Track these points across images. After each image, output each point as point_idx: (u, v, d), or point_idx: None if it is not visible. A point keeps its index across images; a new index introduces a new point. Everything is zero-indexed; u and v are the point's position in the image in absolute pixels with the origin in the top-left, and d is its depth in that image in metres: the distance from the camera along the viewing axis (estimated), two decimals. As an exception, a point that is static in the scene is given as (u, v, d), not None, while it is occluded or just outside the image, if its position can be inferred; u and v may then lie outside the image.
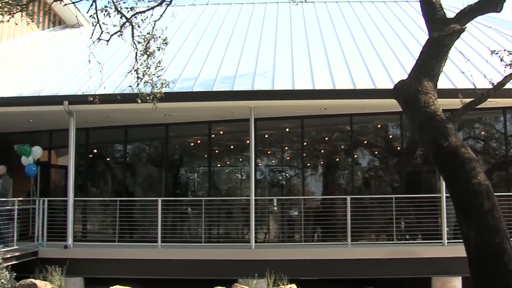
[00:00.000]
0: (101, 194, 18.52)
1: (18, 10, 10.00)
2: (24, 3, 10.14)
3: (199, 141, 18.01)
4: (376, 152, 17.42)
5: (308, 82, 14.36)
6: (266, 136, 17.40)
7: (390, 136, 17.44)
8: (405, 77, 8.17)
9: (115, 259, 14.20)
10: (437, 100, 7.50)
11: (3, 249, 13.45)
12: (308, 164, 17.30)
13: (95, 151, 18.76)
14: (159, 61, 10.51)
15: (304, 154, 17.08)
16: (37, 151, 15.69)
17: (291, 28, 20.23)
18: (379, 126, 17.30)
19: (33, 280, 10.65)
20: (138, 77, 10.41)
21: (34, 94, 15.10)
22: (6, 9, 9.74)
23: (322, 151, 17.60)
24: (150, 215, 15.49)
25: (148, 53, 10.31)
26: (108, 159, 19.18)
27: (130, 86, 10.98)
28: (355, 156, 16.99)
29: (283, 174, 17.74)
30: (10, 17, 9.93)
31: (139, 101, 10.65)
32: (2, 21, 9.90)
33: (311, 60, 16.23)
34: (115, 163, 19.11)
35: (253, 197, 14.17)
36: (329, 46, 17.55)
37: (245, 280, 12.31)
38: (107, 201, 17.09)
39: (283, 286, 11.32)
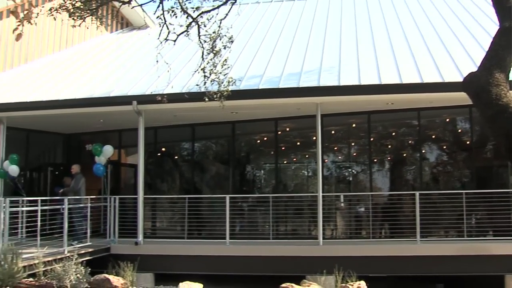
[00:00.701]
0: (169, 191, 18.83)
1: (88, 14, 10.28)
2: (94, 7, 10.42)
3: (265, 138, 18.08)
4: (444, 147, 17.05)
5: (374, 77, 14.19)
6: (333, 132, 17.28)
7: (459, 130, 17.05)
8: (474, 69, 7.97)
9: (184, 255, 14.40)
10: (509, 92, 7.28)
11: (78, 245, 13.89)
12: (375, 160, 17.10)
13: (163, 149, 19.11)
14: (225, 60, 10.61)
15: (371, 150, 16.89)
16: (108, 150, 16.07)
17: (356, 22, 20.04)
18: (447, 120, 16.93)
19: (107, 275, 10.90)
20: (205, 76, 10.53)
21: (104, 95, 15.51)
22: (77, 14, 10.03)
23: (389, 146, 17.36)
24: (218, 212, 15.65)
25: (214, 51, 10.42)
26: (176, 157, 19.49)
27: (197, 85, 11.11)
28: (423, 151, 16.68)
29: (350, 170, 17.58)
30: (81, 22, 10.24)
31: (207, 99, 10.78)
32: (74, 26, 10.21)
33: (377, 54, 16.01)
34: (183, 161, 19.39)
35: (321, 194, 14.10)
36: (394, 39, 17.28)
37: (313, 277, 12.23)
38: (176, 198, 17.34)
39: (351, 283, 11.20)
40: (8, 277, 9.68)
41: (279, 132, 17.37)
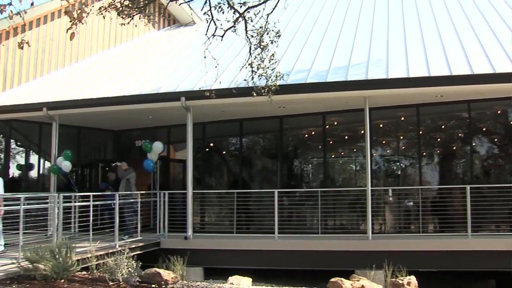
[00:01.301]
0: (217, 186, 18.95)
1: (136, 12, 10.42)
2: (142, 5, 10.55)
3: (313, 133, 18.03)
4: (495, 140, 16.69)
5: (423, 69, 13.98)
6: (381, 125, 17.08)
7: (511, 122, 16.66)
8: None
9: (233, 249, 14.51)
10: None
11: (129, 240, 14.13)
12: (424, 153, 16.85)
13: (211, 144, 19.24)
14: (273, 54, 10.59)
15: (420, 143, 16.66)
16: (158, 147, 16.26)
17: (403, 13, 19.75)
18: (499, 112, 16.55)
19: (157, 269, 10.99)
20: (252, 71, 10.55)
21: (153, 91, 15.71)
22: (126, 12, 10.17)
23: (438, 139, 17.08)
24: (266, 207, 15.69)
25: (261, 46, 10.42)
26: (223, 152, 19.61)
27: (245, 80, 11.13)
28: (473, 144, 16.36)
29: (398, 164, 17.40)
30: (130, 20, 10.38)
31: (254, 94, 10.81)
32: (123, 24, 10.36)
33: (425, 45, 15.75)
34: (231, 156, 19.50)
35: (370, 188, 13.99)
36: (443, 30, 16.96)
37: (363, 271, 12.15)
38: (224, 193, 17.45)
39: (401, 278, 11.05)
40: (62, 270, 9.87)
41: (327, 126, 17.28)
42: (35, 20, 19.16)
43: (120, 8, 10.03)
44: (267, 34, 10.52)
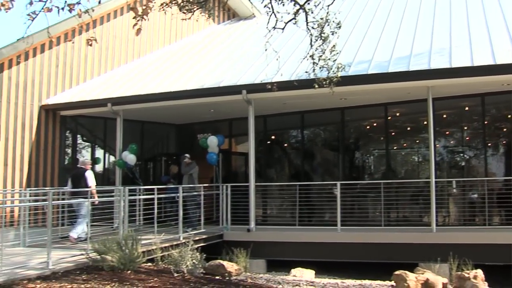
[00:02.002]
0: (278, 179, 18.97)
1: (197, 7, 10.52)
2: (202, 0, 10.63)
3: (375, 124, 17.84)
4: None
5: (488, 57, 13.59)
6: (444, 116, 16.71)
7: None
8: None
9: (295, 242, 14.53)
10: None
11: (193, 232, 14.33)
12: (489, 144, 16.42)
13: (272, 137, 19.28)
14: (334, 45, 10.52)
15: (485, 134, 16.24)
16: (213, 141, 16.40)
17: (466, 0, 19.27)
18: None
19: (221, 261, 11.13)
20: (314, 63, 10.50)
21: (214, 85, 15.86)
22: (187, 8, 10.28)
23: (504, 129, 16.60)
24: (328, 199, 15.64)
25: (322, 38, 10.37)
26: (285, 145, 19.62)
27: (306, 72, 11.12)
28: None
29: (462, 155, 17.03)
30: (191, 15, 10.49)
31: (316, 86, 10.77)
32: (184, 19, 10.48)
33: (490, 32, 15.30)
34: (292, 148, 19.50)
35: (434, 179, 13.75)
36: (509, 16, 16.47)
37: (427, 264, 11.94)
38: (286, 185, 17.47)
39: (467, 272, 10.81)
40: (129, 261, 10.10)
41: (389, 118, 17.05)
42: (99, 18, 19.60)
43: (181, 4, 10.14)
44: (328, 25, 10.45)
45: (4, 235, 10.41)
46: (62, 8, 7.21)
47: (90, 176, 13.93)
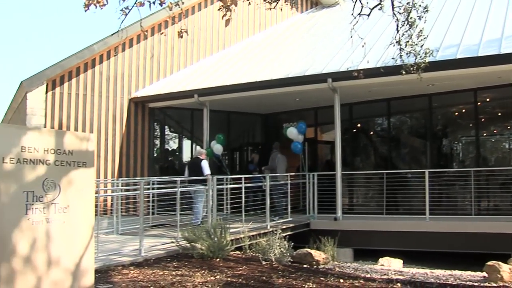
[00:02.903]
0: (364, 167, 18.77)
1: (282, -3, 10.50)
2: (287, -10, 10.61)
3: (463, 110, 17.32)
4: None
5: None
6: (539, 100, 16.08)
7: None
8: None
9: (382, 231, 14.37)
10: None
11: (280, 221, 14.41)
12: None
13: (358, 125, 19.09)
14: (421, 30, 10.26)
15: None
16: (293, 132, 16.40)
17: None
18: None
19: (309, 250, 11.14)
20: (400, 48, 10.30)
21: (299, 74, 15.84)
22: (272, -3, 10.28)
23: None
24: (416, 187, 15.36)
25: (409, 23, 10.15)
26: (371, 133, 19.38)
27: (393, 58, 10.90)
28: None
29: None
30: (275, 4, 10.50)
31: (403, 72, 10.56)
32: (270, 8, 10.49)
33: None
34: (378, 136, 19.24)
35: (527, 167, 13.25)
36: None
37: (521, 255, 11.57)
38: (373, 174, 17.27)
39: None
40: (218, 249, 10.28)
41: (478, 103, 16.49)
42: (184, 11, 19.93)
43: (265, -7, 10.15)
44: (415, 9, 10.22)
45: (98, 223, 10.78)
46: (153, 2, 7.41)
47: (205, 165, 14.53)
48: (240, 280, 8.32)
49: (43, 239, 6.48)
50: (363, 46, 10.89)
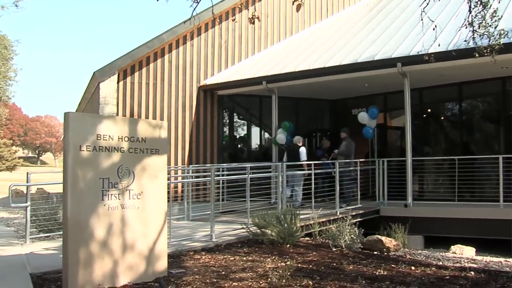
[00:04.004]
0: (434, 153, 18.39)
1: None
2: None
3: (540, 93, 16.74)
4: None
5: None
6: None
7: None
8: None
9: (454, 218, 14.08)
10: None
11: (349, 208, 14.35)
12: None
13: (428, 110, 18.71)
14: (495, 11, 9.97)
15: None
16: (364, 117, 16.27)
17: None
18: None
19: (379, 237, 11.06)
20: (473, 30, 10.03)
21: (368, 59, 15.65)
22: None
23: None
24: (489, 174, 14.97)
25: (482, 3, 9.86)
26: (441, 118, 18.97)
27: (465, 41, 10.62)
28: None
29: None
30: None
31: (476, 55, 10.29)
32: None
33: None
34: (448, 121, 18.83)
35: None
36: None
37: None
38: (444, 160, 16.93)
39: None
40: (288, 235, 10.33)
41: (556, 85, 15.91)
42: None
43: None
44: (488, -11, 9.91)
45: (170, 209, 10.99)
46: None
47: (303, 152, 15.52)
48: (311, 266, 8.34)
49: (119, 224, 6.68)
50: (434, 29, 10.62)
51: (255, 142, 20.64)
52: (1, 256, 9.09)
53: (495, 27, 9.90)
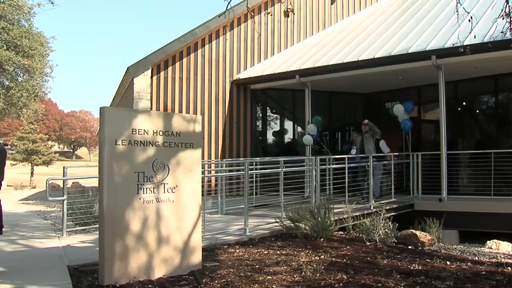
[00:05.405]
0: (469, 147, 18.15)
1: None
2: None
3: None
4: None
5: None
6: None
7: None
8: None
9: (490, 213, 13.90)
10: None
11: (384, 201, 14.26)
12: None
13: (463, 103, 18.48)
14: (533, 1, 9.80)
15: None
16: (399, 109, 16.11)
17: None
18: None
19: (413, 231, 10.94)
20: (510, 21, 9.87)
21: (402, 52, 15.53)
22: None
23: None
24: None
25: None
26: (476, 111, 18.72)
27: (502, 32, 10.47)
28: None
29: None
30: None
31: (514, 46, 10.15)
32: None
33: None
34: (484, 114, 18.58)
35: None
36: None
37: None
38: (479, 154, 16.68)
39: None
40: (321, 229, 10.31)
41: None
42: (283, -8, 20.04)
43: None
44: (526, -21, 9.73)
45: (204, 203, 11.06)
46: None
47: (384, 144, 15.36)
48: (345, 260, 8.32)
49: (154, 217, 6.74)
50: (469, 20, 10.48)
51: (288, 136, 20.61)
52: (40, 249, 9.28)
53: (532, 18, 9.73)
